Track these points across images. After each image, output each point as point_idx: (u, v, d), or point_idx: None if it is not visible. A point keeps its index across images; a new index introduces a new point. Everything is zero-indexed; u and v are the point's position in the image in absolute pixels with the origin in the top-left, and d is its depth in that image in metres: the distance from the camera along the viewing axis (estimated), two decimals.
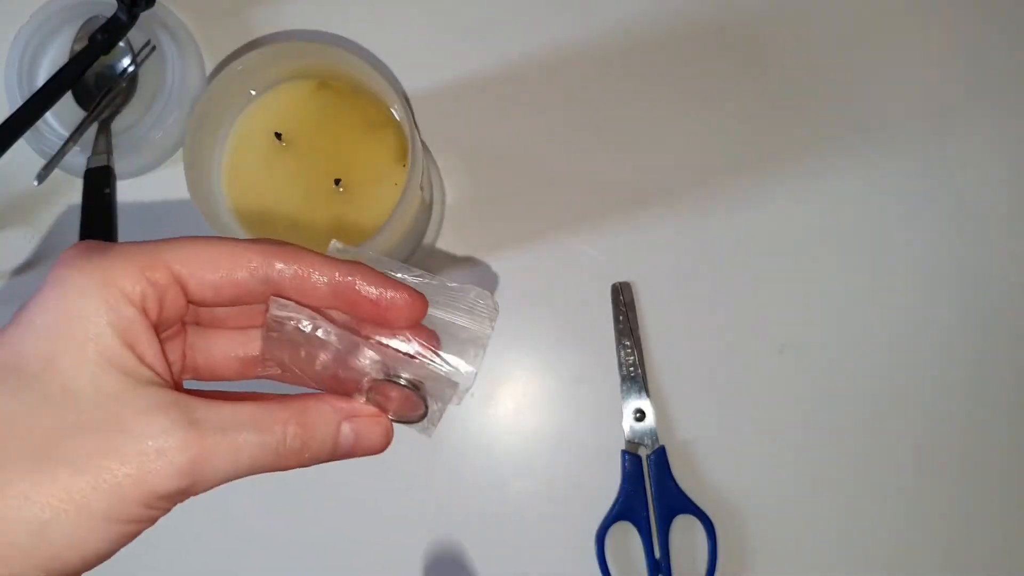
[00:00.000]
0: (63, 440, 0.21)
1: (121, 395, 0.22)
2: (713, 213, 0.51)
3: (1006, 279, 0.51)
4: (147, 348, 0.24)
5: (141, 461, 0.22)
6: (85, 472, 0.21)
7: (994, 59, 0.52)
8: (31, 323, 0.23)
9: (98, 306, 0.23)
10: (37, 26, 0.51)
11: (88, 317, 0.22)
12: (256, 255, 0.25)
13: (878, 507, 0.50)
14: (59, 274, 0.23)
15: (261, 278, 0.25)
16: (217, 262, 0.24)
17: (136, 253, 0.24)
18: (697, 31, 0.52)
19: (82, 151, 0.51)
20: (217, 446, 0.23)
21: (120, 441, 0.22)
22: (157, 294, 0.24)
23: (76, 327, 0.22)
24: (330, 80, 0.45)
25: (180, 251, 0.24)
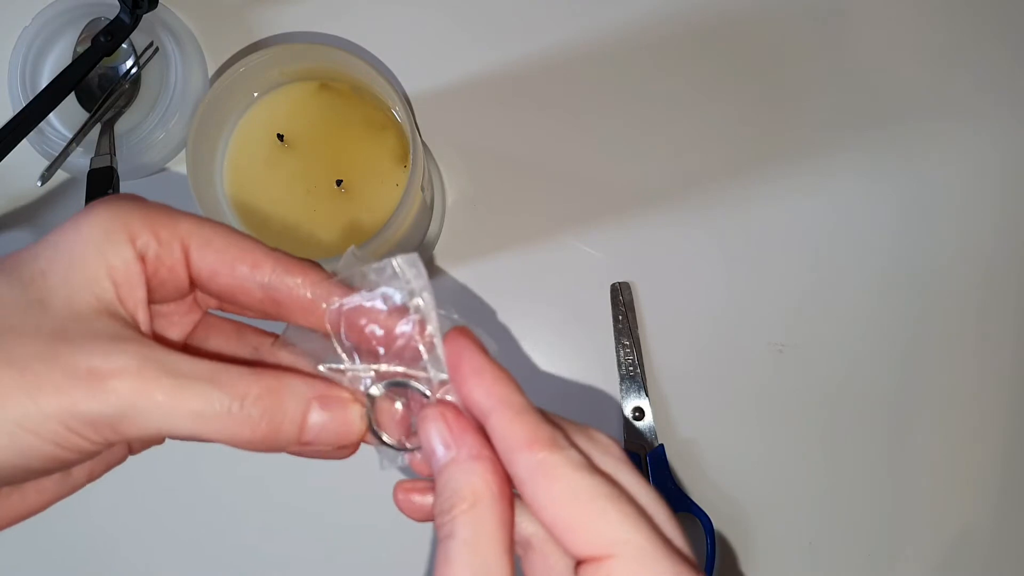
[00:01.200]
0: (16, 339, 0.22)
1: (85, 317, 0.22)
2: (713, 213, 0.51)
3: (1007, 279, 0.51)
4: (130, 292, 0.24)
5: (71, 375, 0.21)
6: (15, 368, 0.21)
7: (995, 58, 0.52)
8: (48, 239, 0.24)
9: (104, 240, 0.23)
10: (40, 28, 0.51)
11: (91, 245, 0.23)
12: (267, 260, 0.25)
13: (878, 506, 0.50)
14: (84, 209, 0.24)
15: (260, 283, 0.25)
16: (226, 250, 0.25)
17: (155, 210, 0.25)
18: (696, 31, 0.52)
19: (85, 152, 0.51)
20: (159, 385, 0.22)
21: (61, 350, 0.22)
22: (159, 252, 0.24)
23: (78, 251, 0.23)
24: (331, 81, 0.45)
25: (195, 226, 0.25)
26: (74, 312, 0.22)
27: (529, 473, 0.22)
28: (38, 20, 0.51)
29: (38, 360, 0.21)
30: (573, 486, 0.22)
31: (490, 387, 0.23)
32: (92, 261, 0.23)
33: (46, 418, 0.21)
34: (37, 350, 0.21)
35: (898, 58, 0.52)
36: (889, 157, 0.52)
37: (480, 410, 0.23)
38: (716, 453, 0.50)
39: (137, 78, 0.52)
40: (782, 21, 0.53)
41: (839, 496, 0.50)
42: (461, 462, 0.23)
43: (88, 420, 0.21)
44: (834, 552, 0.50)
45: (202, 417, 0.22)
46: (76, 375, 0.21)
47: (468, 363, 0.24)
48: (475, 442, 0.24)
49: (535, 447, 0.22)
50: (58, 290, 0.23)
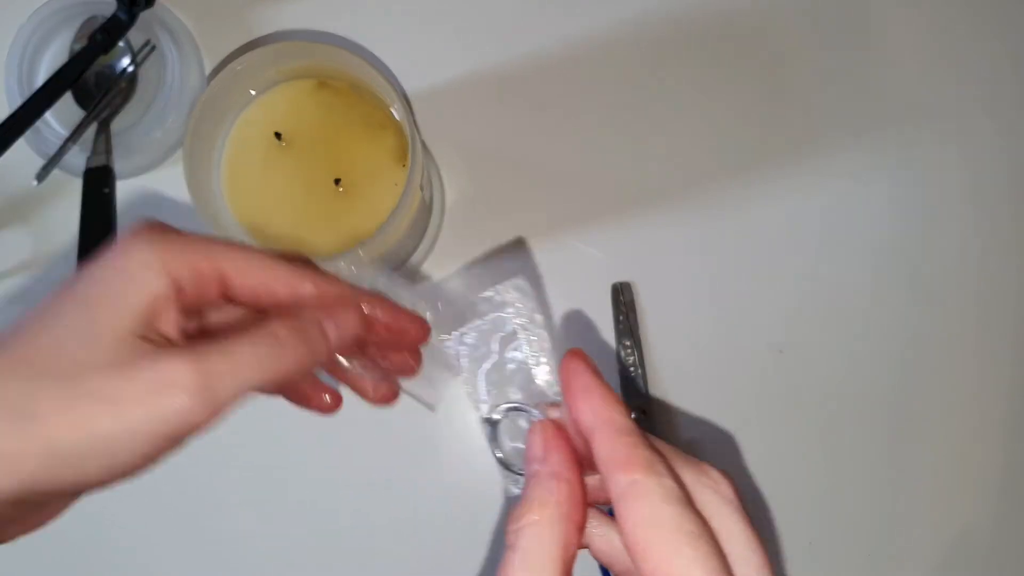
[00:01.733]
0: (86, 372, 0.24)
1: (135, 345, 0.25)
2: (713, 213, 0.51)
3: (1007, 279, 0.51)
4: (168, 321, 0.26)
5: (151, 391, 0.24)
6: (100, 401, 0.24)
7: (995, 58, 0.52)
8: (91, 273, 0.26)
9: (143, 271, 0.26)
10: (36, 25, 0.51)
11: (132, 277, 0.26)
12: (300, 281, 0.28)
13: (878, 507, 0.50)
14: (125, 239, 0.26)
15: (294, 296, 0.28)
16: (262, 275, 0.28)
17: (193, 243, 0.27)
18: (697, 32, 0.52)
19: (81, 151, 0.51)
20: (219, 363, 0.25)
21: (131, 374, 0.24)
22: (196, 282, 0.27)
23: (121, 286, 0.26)
24: (330, 80, 0.45)
25: (231, 256, 0.27)
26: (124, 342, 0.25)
27: (620, 492, 0.23)
28: (34, 18, 0.51)
29: (119, 386, 0.24)
30: (657, 513, 0.22)
31: (597, 407, 0.25)
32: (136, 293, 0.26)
33: (135, 433, 0.24)
34: (112, 380, 0.24)
35: (898, 58, 0.52)
36: (889, 157, 0.52)
37: (586, 428, 0.25)
38: (717, 453, 0.50)
39: (134, 76, 0.52)
40: (782, 21, 0.52)
41: (839, 496, 0.50)
42: (542, 478, 0.25)
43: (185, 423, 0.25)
44: (834, 552, 0.50)
45: (262, 369, 0.26)
46: (155, 391, 0.24)
47: (578, 383, 0.25)
48: (559, 461, 0.25)
49: (630, 468, 0.23)
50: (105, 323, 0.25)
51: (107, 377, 0.24)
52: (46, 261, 0.52)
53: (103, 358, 0.25)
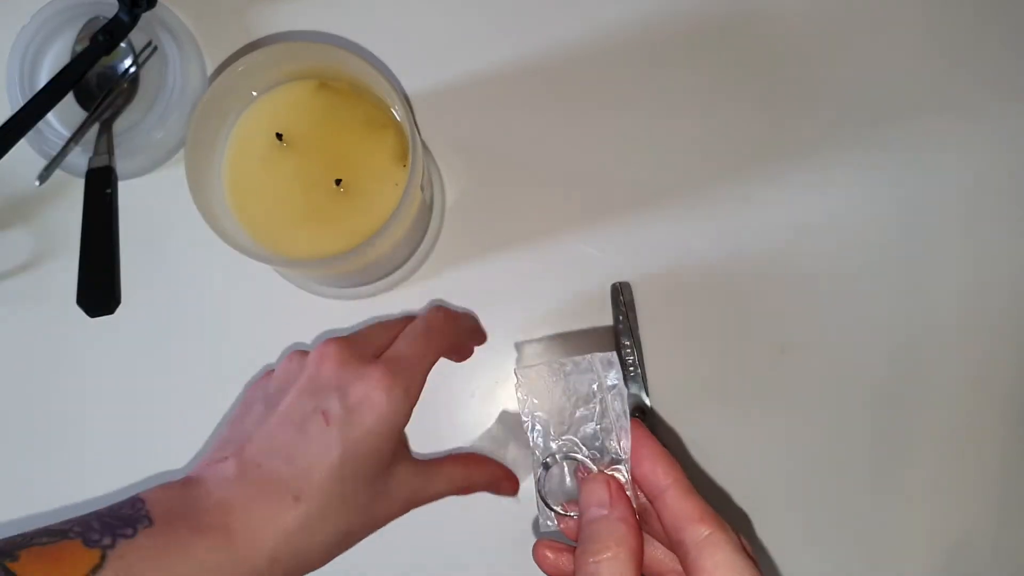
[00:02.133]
0: (368, 494, 0.38)
1: (392, 471, 0.40)
2: (713, 213, 0.51)
3: (1009, 279, 0.51)
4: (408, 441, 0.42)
5: (397, 505, 0.41)
6: (365, 514, 0.39)
7: (995, 57, 0.52)
8: (365, 426, 0.37)
9: (401, 421, 0.39)
10: (38, 27, 0.51)
11: (396, 428, 0.38)
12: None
13: (879, 507, 0.50)
14: (380, 397, 0.38)
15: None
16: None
17: (416, 387, 0.40)
18: (697, 31, 0.52)
19: (83, 151, 0.51)
20: (429, 488, 0.42)
21: (389, 497, 0.40)
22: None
23: (392, 433, 0.38)
24: (331, 80, 0.45)
25: (425, 376, 0.41)
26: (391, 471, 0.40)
27: (698, 542, 0.29)
28: (36, 19, 0.51)
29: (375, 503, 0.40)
30: (733, 561, 0.29)
31: (667, 469, 0.31)
32: (401, 438, 0.40)
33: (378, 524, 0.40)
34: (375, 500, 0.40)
35: (899, 57, 0.52)
36: (890, 157, 0.52)
37: (657, 486, 0.31)
38: (717, 454, 0.50)
39: (136, 77, 0.52)
40: (782, 21, 0.52)
41: (840, 496, 0.50)
42: (613, 520, 0.30)
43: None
44: (834, 552, 0.50)
45: (444, 494, 0.43)
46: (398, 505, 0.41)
47: (649, 449, 0.32)
48: (627, 508, 0.31)
49: (707, 522, 0.29)
50: (386, 460, 0.39)
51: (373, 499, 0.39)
52: (48, 262, 0.52)
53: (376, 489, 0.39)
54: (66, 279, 0.50)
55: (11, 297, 0.52)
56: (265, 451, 0.37)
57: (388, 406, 0.37)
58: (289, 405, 0.38)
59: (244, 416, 0.40)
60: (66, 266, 0.51)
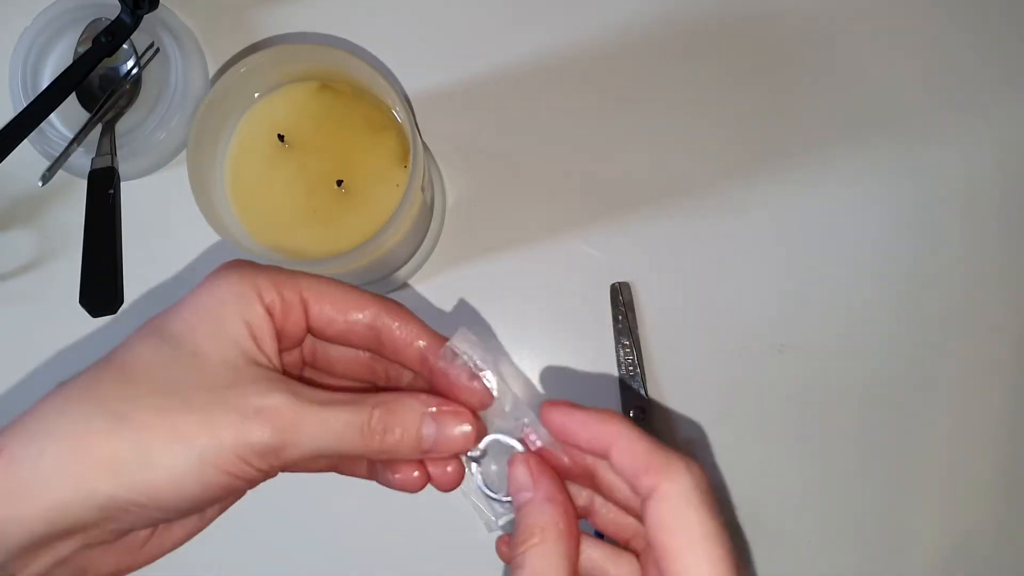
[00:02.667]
0: (184, 389, 0.26)
1: (238, 367, 0.27)
2: (713, 213, 0.51)
3: (1008, 279, 0.51)
4: (267, 343, 0.28)
5: (242, 414, 0.26)
6: (194, 415, 0.26)
7: (995, 57, 0.52)
8: (184, 304, 0.28)
9: (239, 301, 0.28)
10: (41, 28, 0.51)
11: (229, 305, 0.28)
12: (373, 304, 0.30)
13: (879, 507, 0.50)
14: (215, 272, 0.29)
15: (369, 323, 0.30)
16: (340, 301, 0.30)
17: (277, 274, 0.29)
18: (697, 32, 0.52)
19: (86, 152, 0.51)
20: (309, 414, 0.27)
21: (229, 396, 0.26)
22: (284, 309, 0.29)
23: (217, 311, 0.28)
24: (332, 82, 0.45)
25: (312, 283, 0.30)
26: (227, 363, 0.27)
27: (645, 495, 0.27)
28: (39, 20, 0.51)
29: (213, 405, 0.26)
30: (680, 518, 0.26)
31: (600, 430, 0.28)
32: (232, 320, 0.28)
33: (226, 451, 0.25)
34: (209, 397, 0.26)
35: (899, 57, 0.52)
36: (890, 156, 0.52)
37: (599, 450, 0.28)
38: (717, 453, 0.50)
39: (138, 78, 0.52)
40: (783, 21, 0.53)
41: (840, 496, 0.50)
42: (536, 502, 0.28)
43: (258, 450, 0.26)
44: (834, 552, 0.50)
45: (342, 436, 0.27)
46: (246, 414, 0.26)
47: (574, 418, 0.28)
48: (551, 486, 0.28)
49: (651, 473, 0.27)
50: (209, 345, 0.27)
51: (208, 395, 0.26)
52: (51, 262, 0.52)
53: (206, 380, 0.27)
54: (69, 279, 0.50)
55: (14, 297, 0.52)
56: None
57: (218, 282, 0.28)
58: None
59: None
60: (69, 266, 0.51)
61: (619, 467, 0.27)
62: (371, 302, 0.30)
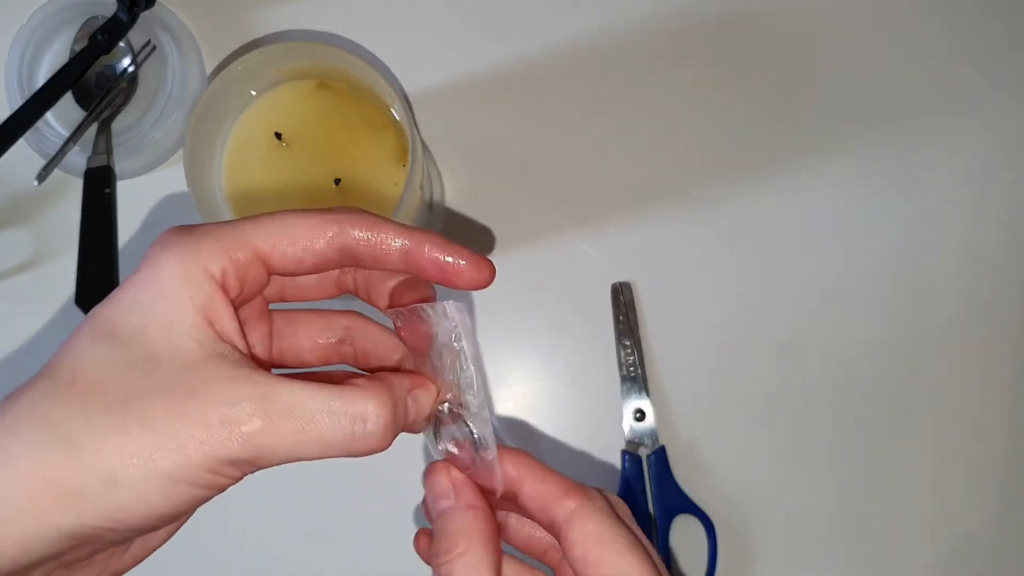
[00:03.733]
0: (141, 400, 0.23)
1: (197, 365, 0.24)
2: (713, 213, 0.51)
3: (1009, 279, 0.51)
4: (226, 325, 0.25)
5: (207, 427, 0.23)
6: (155, 431, 0.23)
7: (995, 56, 0.52)
8: (126, 298, 0.25)
9: (183, 284, 0.24)
10: (37, 26, 0.51)
11: (174, 293, 0.24)
12: (333, 225, 0.26)
13: (879, 507, 0.50)
14: (153, 253, 0.25)
15: (338, 246, 0.26)
16: (297, 236, 0.26)
17: (222, 235, 0.25)
18: (697, 32, 0.52)
19: (82, 151, 0.51)
20: (283, 424, 0.23)
21: (191, 406, 0.23)
22: (238, 273, 0.25)
23: (164, 302, 0.24)
24: (330, 80, 0.45)
25: (263, 229, 0.26)
26: (185, 363, 0.24)
27: (566, 516, 0.27)
28: (35, 18, 0.51)
29: (174, 417, 0.23)
30: (603, 529, 0.26)
31: (515, 463, 0.28)
32: (183, 309, 0.24)
33: (195, 467, 0.23)
34: (169, 408, 0.23)
35: (899, 57, 0.52)
36: (890, 156, 0.52)
37: (513, 482, 0.28)
38: (717, 454, 0.50)
39: (134, 76, 0.52)
40: (782, 21, 0.52)
41: (840, 496, 0.50)
42: (459, 509, 0.27)
43: (230, 462, 0.23)
44: (834, 552, 0.50)
45: (327, 445, 0.24)
46: (211, 426, 0.23)
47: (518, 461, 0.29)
48: (473, 493, 0.28)
49: (571, 496, 0.27)
50: (161, 344, 0.24)
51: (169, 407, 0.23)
52: (47, 261, 0.52)
53: (165, 387, 0.23)
54: (65, 278, 0.50)
55: (10, 296, 0.52)
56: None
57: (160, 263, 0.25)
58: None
59: None
60: (65, 265, 0.51)
61: (535, 497, 0.28)
62: (331, 222, 0.26)
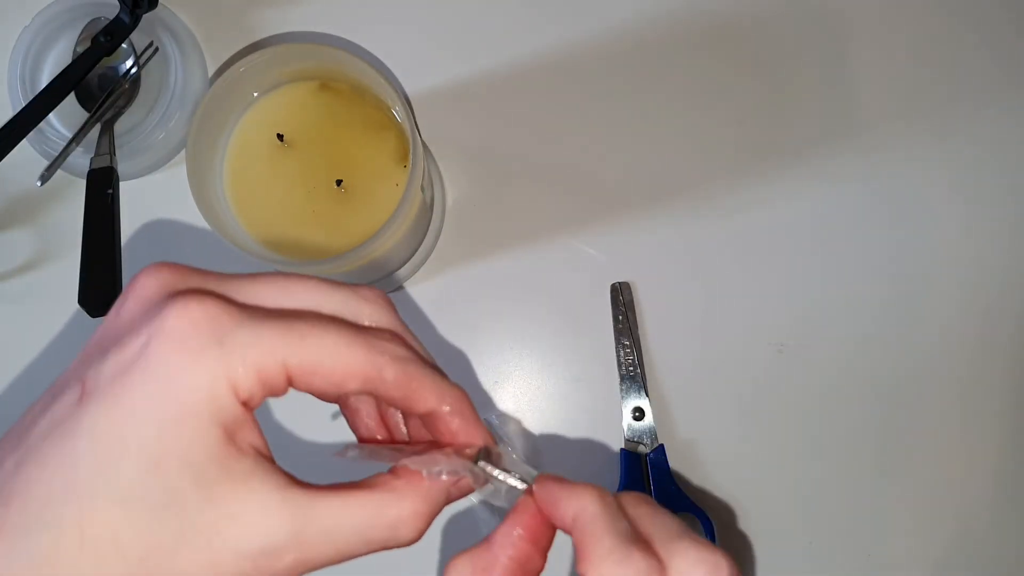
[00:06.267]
0: (169, 554, 0.21)
1: (224, 497, 0.22)
2: (713, 213, 0.51)
3: (1008, 280, 0.51)
4: (248, 439, 0.23)
5: (221, 552, 0.22)
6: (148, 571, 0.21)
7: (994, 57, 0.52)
8: (135, 409, 0.21)
9: (210, 404, 0.22)
10: (40, 27, 0.51)
11: (198, 416, 0.22)
12: (371, 372, 0.24)
13: (879, 507, 0.50)
14: (166, 356, 0.22)
15: (368, 391, 0.24)
16: (331, 373, 0.23)
17: (254, 347, 0.22)
18: (696, 32, 0.52)
19: (85, 152, 0.51)
20: (318, 550, 0.23)
21: (224, 555, 0.22)
22: (265, 391, 0.23)
23: (184, 426, 0.21)
24: (332, 81, 0.45)
25: (300, 352, 0.23)
26: (209, 497, 0.22)
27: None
28: (38, 20, 0.51)
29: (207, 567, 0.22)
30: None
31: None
32: (210, 435, 0.22)
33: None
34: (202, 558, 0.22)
35: (899, 57, 0.52)
36: (889, 157, 0.52)
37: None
38: (716, 453, 0.50)
39: (137, 78, 0.52)
40: (782, 22, 0.53)
41: (839, 496, 0.50)
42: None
43: None
44: (834, 552, 0.50)
45: (358, 554, 0.23)
46: (249, 557, 0.22)
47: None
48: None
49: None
50: (181, 478, 0.21)
51: (193, 555, 0.21)
52: (49, 262, 0.52)
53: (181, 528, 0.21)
54: (68, 279, 0.50)
55: (13, 297, 0.52)
56: (14, 449, 0.23)
57: (184, 363, 0.21)
58: (64, 372, 0.24)
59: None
60: (68, 266, 0.51)
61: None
62: (371, 367, 0.24)
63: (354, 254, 0.41)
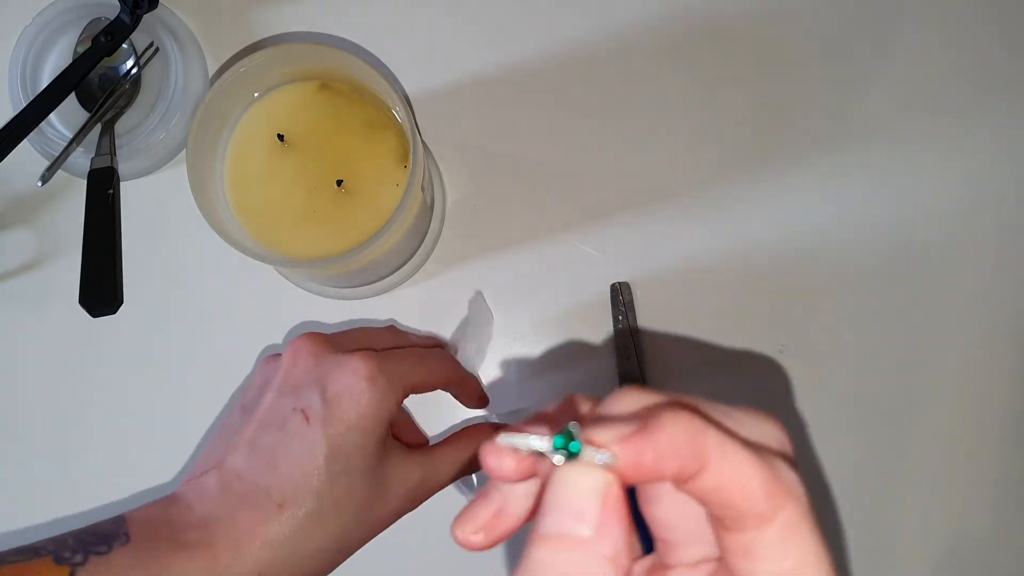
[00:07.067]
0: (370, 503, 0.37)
1: (391, 464, 0.37)
2: (713, 213, 0.51)
3: (1008, 280, 0.51)
4: (404, 432, 0.41)
5: (395, 511, 0.38)
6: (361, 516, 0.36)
7: (994, 58, 0.52)
8: (348, 422, 0.35)
9: (388, 412, 0.36)
10: (40, 28, 0.51)
11: (381, 420, 0.36)
12: (448, 385, 0.43)
13: (878, 507, 0.50)
14: (361, 388, 0.36)
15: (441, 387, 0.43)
16: (439, 380, 0.41)
17: (405, 376, 0.37)
18: (696, 32, 0.52)
19: (85, 152, 0.51)
20: (432, 477, 0.39)
21: (387, 494, 0.37)
22: (408, 395, 0.38)
23: (378, 425, 0.36)
24: (332, 81, 0.45)
25: (424, 373, 0.39)
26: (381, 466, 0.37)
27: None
28: (38, 20, 0.51)
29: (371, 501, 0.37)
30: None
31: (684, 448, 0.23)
32: (386, 430, 0.37)
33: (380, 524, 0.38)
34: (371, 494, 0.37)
35: (899, 58, 0.52)
36: (890, 157, 0.52)
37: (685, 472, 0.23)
38: None
39: (137, 78, 0.52)
40: (782, 22, 0.53)
41: (838, 497, 0.50)
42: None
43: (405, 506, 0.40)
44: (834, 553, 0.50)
45: (457, 475, 0.41)
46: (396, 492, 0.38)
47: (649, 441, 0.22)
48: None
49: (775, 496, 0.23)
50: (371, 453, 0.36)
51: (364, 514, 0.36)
52: (50, 262, 0.52)
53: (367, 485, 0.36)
54: (68, 279, 0.50)
55: (14, 297, 0.52)
56: (245, 459, 0.35)
57: (371, 395, 0.35)
58: (267, 408, 0.36)
59: (224, 427, 0.39)
60: (68, 266, 0.51)
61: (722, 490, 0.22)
62: (452, 374, 0.42)
63: (354, 254, 0.41)
